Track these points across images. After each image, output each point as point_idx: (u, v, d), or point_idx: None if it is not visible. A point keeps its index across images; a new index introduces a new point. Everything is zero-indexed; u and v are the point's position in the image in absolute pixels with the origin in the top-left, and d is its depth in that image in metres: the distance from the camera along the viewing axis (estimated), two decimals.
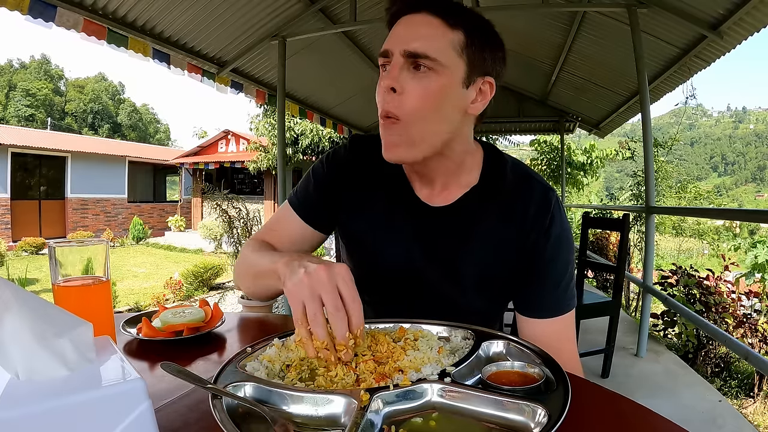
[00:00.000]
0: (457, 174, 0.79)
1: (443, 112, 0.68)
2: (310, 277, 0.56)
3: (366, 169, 0.84)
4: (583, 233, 2.96)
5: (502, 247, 0.78)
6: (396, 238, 0.82)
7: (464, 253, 0.79)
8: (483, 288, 0.81)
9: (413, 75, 0.67)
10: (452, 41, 0.67)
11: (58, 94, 46.73)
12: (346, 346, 0.56)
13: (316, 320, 0.55)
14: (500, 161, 0.81)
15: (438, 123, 0.69)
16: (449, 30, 0.67)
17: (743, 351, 2.09)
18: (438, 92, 0.67)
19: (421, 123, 0.68)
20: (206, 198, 9.48)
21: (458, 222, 0.79)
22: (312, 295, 0.55)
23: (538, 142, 11.27)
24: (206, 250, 12.11)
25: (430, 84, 0.66)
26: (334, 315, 0.55)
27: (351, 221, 0.86)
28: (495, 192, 0.78)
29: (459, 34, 0.67)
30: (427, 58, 0.65)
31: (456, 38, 0.67)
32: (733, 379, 3.44)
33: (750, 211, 4.74)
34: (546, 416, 0.45)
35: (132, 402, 0.38)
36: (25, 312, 0.40)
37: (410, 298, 0.84)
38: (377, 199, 0.83)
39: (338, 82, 5.59)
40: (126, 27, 3.07)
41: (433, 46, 0.65)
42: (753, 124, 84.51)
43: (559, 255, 0.77)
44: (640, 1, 3.01)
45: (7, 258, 9.58)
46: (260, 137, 13.03)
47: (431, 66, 0.66)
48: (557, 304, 0.78)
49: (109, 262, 0.71)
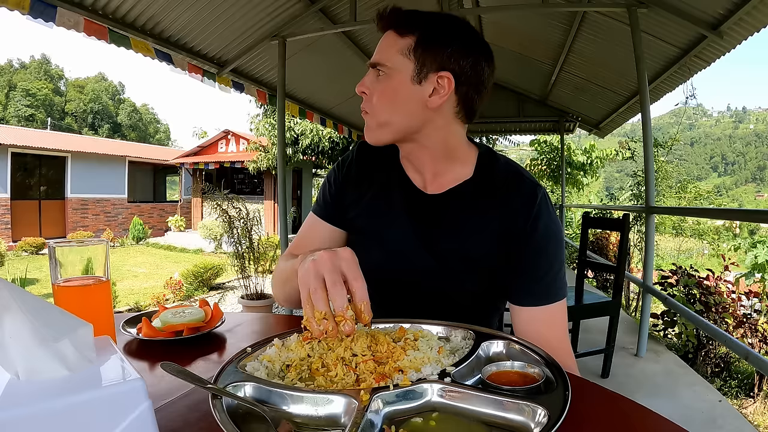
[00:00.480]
0: (446, 165, 0.87)
1: (398, 104, 0.81)
2: (315, 262, 0.61)
3: (370, 168, 0.94)
4: (583, 233, 2.96)
5: (489, 236, 0.83)
6: (393, 221, 0.89)
7: (452, 239, 0.85)
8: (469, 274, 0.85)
9: (376, 80, 0.82)
10: (401, 47, 0.79)
11: (58, 94, 46.74)
12: (344, 317, 0.58)
13: (316, 294, 0.59)
14: (494, 158, 0.89)
15: (395, 112, 0.82)
16: (399, 38, 0.80)
17: (743, 351, 2.10)
18: (389, 89, 0.81)
19: (381, 113, 0.82)
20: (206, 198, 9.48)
21: (449, 209, 0.86)
22: (316, 275, 0.60)
23: (538, 142, 11.26)
24: (206, 250, 12.12)
25: (384, 84, 0.81)
26: (332, 289, 0.59)
27: (355, 214, 0.94)
28: (487, 184, 0.86)
29: (408, 40, 0.79)
30: (382, 65, 0.81)
31: (404, 44, 0.79)
32: (733, 379, 3.44)
33: (750, 211, 4.74)
34: (546, 416, 0.45)
35: (132, 402, 0.38)
36: (24, 312, 0.40)
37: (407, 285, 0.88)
38: (377, 190, 0.93)
39: (338, 82, 5.59)
40: (126, 27, 3.07)
41: (385, 56, 0.81)
42: (753, 124, 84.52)
43: (546, 246, 0.82)
44: (640, 1, 3.01)
45: (7, 258, 9.58)
46: (260, 137, 13.01)
47: (384, 71, 0.81)
48: (545, 292, 0.82)
49: (109, 262, 0.71)
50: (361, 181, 0.94)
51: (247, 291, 4.91)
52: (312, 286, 0.59)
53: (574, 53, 4.77)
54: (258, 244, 5.25)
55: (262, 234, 5.99)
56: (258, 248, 5.21)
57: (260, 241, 5.41)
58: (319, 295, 0.59)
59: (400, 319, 0.74)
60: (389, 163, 0.92)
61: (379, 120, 0.83)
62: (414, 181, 0.90)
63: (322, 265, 0.60)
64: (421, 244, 0.86)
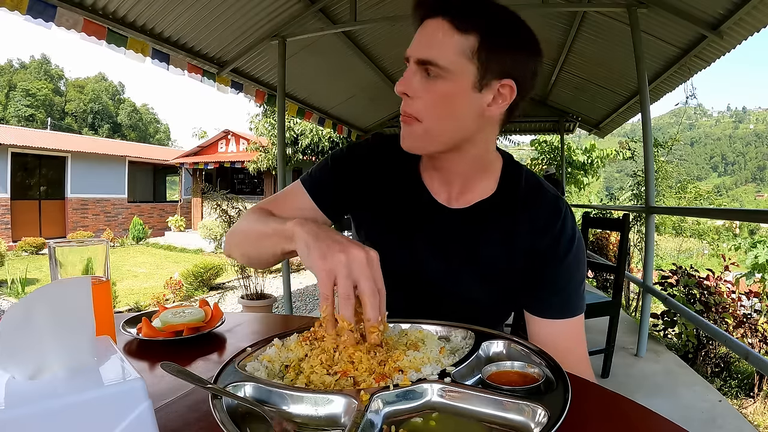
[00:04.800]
0: (476, 178, 0.81)
1: (454, 114, 0.71)
2: (348, 256, 0.56)
3: (384, 167, 0.85)
4: (583, 233, 2.96)
5: (511, 252, 0.79)
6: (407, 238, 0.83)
7: (475, 255, 0.80)
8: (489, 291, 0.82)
9: (425, 80, 0.70)
10: (462, 47, 0.67)
11: (58, 94, 46.72)
12: (378, 329, 0.56)
13: (349, 302, 0.55)
14: (517, 171, 0.83)
15: (449, 123, 0.71)
16: (460, 35, 0.67)
17: (743, 351, 2.10)
18: (445, 96, 0.69)
19: (430, 122, 0.71)
20: (206, 198, 9.47)
21: (473, 225, 0.80)
22: (348, 274, 0.55)
23: (538, 141, 11.27)
24: (206, 250, 12.11)
25: (438, 89, 0.69)
26: (372, 299, 0.55)
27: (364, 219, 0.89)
28: (510, 200, 0.80)
29: (471, 39, 0.67)
30: (435, 65, 0.68)
31: (467, 43, 0.67)
32: (733, 379, 3.44)
33: (750, 211, 4.74)
34: (546, 416, 0.45)
35: (132, 402, 0.38)
36: (24, 313, 0.40)
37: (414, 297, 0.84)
38: (392, 200, 0.84)
39: (338, 82, 5.59)
40: (126, 27, 3.06)
41: (441, 54, 0.67)
42: (753, 124, 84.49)
43: (569, 260, 0.79)
44: (640, 1, 3.01)
45: (7, 258, 9.57)
46: (260, 137, 13.02)
47: (438, 73, 0.68)
48: (567, 305, 0.79)
49: (109, 262, 0.71)
50: (373, 179, 0.85)
51: (247, 291, 4.91)
52: (344, 288, 0.55)
53: (574, 53, 4.78)
54: None
55: None
56: None
57: None
58: (351, 303, 0.55)
59: (401, 319, 0.74)
60: (407, 167, 0.84)
61: (428, 128, 0.72)
62: (436, 194, 0.82)
63: (358, 265, 0.56)
64: (439, 258, 0.81)
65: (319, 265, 0.57)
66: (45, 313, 0.40)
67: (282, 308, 5.04)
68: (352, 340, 0.56)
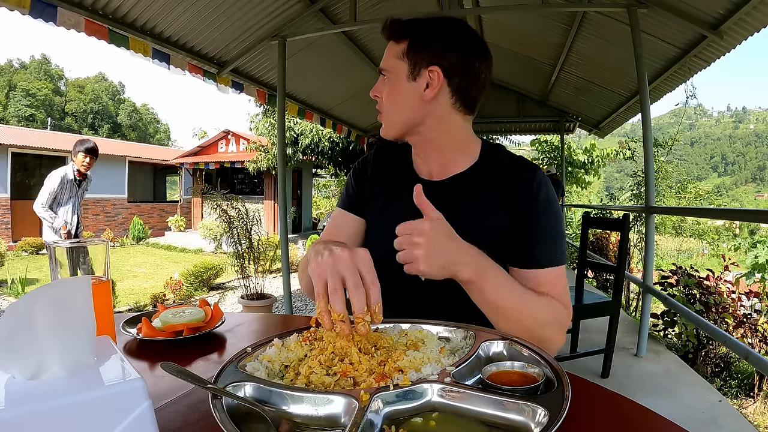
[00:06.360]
0: (453, 155, 0.95)
1: (399, 102, 0.92)
2: (333, 258, 0.63)
3: (385, 167, 1.04)
4: (583, 233, 2.96)
5: (493, 214, 0.90)
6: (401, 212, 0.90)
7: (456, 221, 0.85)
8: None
9: (382, 83, 0.94)
10: (397, 52, 0.91)
11: (58, 94, 46.73)
12: (363, 319, 0.60)
13: (336, 294, 0.61)
14: (497, 148, 0.98)
15: (398, 111, 0.93)
16: (396, 45, 0.91)
17: (743, 351, 2.10)
18: (392, 91, 0.92)
19: (388, 111, 0.94)
20: (206, 198, 9.47)
21: (453, 193, 0.92)
22: (334, 272, 0.62)
23: (539, 141, 11.27)
24: (206, 250, 12.11)
25: (388, 86, 0.93)
26: (354, 291, 0.61)
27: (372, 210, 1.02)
28: (491, 168, 0.93)
29: (403, 44, 0.90)
30: (385, 70, 0.93)
31: (400, 48, 0.90)
32: (733, 379, 3.44)
33: (750, 211, 4.74)
34: (546, 416, 0.45)
35: (132, 402, 0.38)
36: (24, 312, 0.40)
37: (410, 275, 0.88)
38: (390, 185, 1.01)
39: (338, 82, 5.59)
40: (126, 27, 3.07)
41: (386, 62, 0.93)
42: (753, 124, 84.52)
43: (546, 214, 0.88)
44: (640, 1, 3.01)
45: (7, 258, 9.57)
46: (260, 137, 13.01)
47: (387, 74, 0.92)
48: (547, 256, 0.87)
49: (109, 262, 0.71)
50: (377, 179, 1.03)
51: (247, 291, 4.91)
52: (331, 284, 0.61)
53: (574, 53, 4.78)
54: (258, 244, 5.25)
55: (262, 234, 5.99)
56: (258, 248, 5.21)
57: (260, 241, 5.41)
58: (339, 295, 0.61)
59: (401, 319, 0.74)
60: (402, 161, 1.02)
61: (388, 117, 0.94)
62: (421, 172, 0.98)
63: (342, 264, 0.62)
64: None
65: (312, 270, 0.64)
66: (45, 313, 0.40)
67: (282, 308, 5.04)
68: (347, 329, 0.60)
